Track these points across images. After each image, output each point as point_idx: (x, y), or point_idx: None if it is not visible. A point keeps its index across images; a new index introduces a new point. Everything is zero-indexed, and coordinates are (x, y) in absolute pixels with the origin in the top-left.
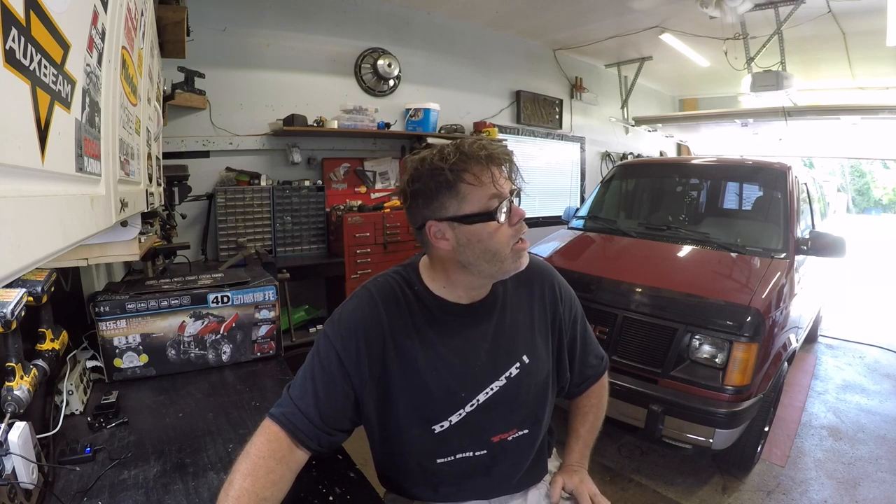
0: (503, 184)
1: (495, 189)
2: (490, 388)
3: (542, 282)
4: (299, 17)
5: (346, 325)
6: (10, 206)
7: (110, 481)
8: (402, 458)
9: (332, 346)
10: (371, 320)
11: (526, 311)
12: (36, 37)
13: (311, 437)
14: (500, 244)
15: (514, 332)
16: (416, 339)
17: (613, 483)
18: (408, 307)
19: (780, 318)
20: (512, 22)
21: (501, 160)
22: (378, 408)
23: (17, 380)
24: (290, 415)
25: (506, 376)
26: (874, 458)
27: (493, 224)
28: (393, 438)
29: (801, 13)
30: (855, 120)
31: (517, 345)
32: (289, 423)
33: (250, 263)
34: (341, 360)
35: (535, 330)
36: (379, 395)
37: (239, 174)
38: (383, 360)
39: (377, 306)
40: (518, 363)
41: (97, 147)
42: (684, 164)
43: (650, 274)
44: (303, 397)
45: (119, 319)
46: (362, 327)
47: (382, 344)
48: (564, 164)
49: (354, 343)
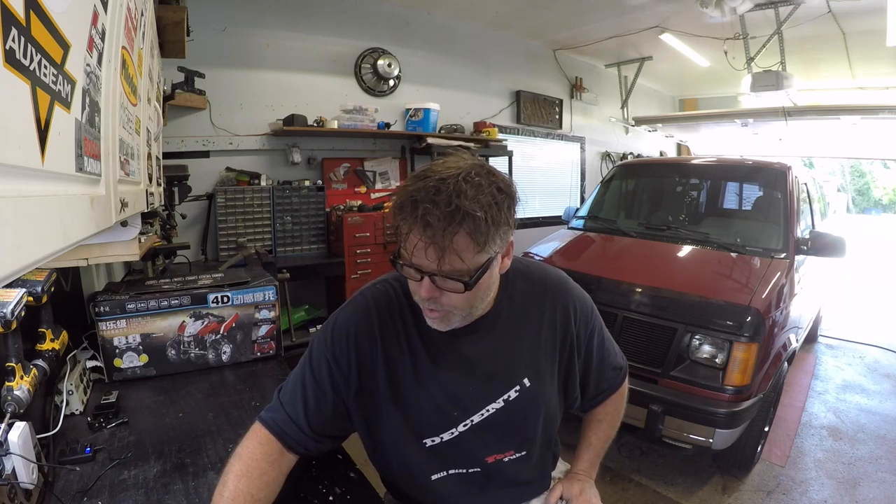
0: (421, 256)
1: (408, 254)
2: (486, 409)
3: (555, 302)
4: (299, 17)
5: (340, 333)
6: (10, 206)
7: (110, 481)
8: (397, 470)
9: (324, 355)
10: (365, 331)
11: (533, 331)
12: (36, 37)
13: (300, 442)
14: (415, 293)
15: (516, 354)
16: (406, 353)
17: (613, 483)
18: (402, 318)
19: (780, 318)
20: (512, 22)
21: (423, 228)
22: (368, 419)
23: (17, 380)
24: (281, 421)
25: (503, 399)
26: (874, 458)
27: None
28: (385, 450)
29: (801, 13)
30: (855, 120)
31: (518, 367)
32: (278, 429)
33: (250, 263)
34: (331, 370)
35: (539, 352)
36: (369, 407)
37: (239, 174)
38: (373, 372)
39: (371, 316)
40: (518, 386)
41: (97, 147)
42: (684, 164)
43: (650, 274)
44: (293, 403)
45: (119, 319)
46: (355, 338)
47: (374, 355)
48: (564, 164)
49: (346, 353)
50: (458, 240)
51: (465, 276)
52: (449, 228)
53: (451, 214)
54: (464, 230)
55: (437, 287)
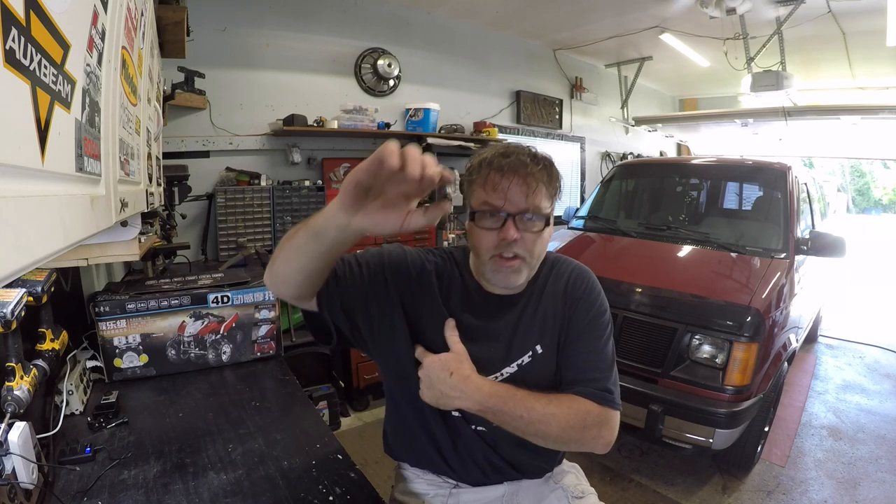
0: (508, 197)
1: (490, 196)
2: (501, 372)
3: (578, 281)
4: (299, 17)
5: (411, 254)
6: (10, 206)
7: (110, 481)
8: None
9: (389, 253)
10: (426, 267)
11: (553, 305)
12: (36, 37)
13: (328, 286)
14: (479, 246)
15: (534, 323)
16: (443, 311)
17: (613, 483)
18: (449, 280)
19: (780, 318)
20: (512, 22)
21: (510, 170)
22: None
23: (17, 380)
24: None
25: (517, 363)
26: (874, 458)
27: (476, 228)
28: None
29: (801, 13)
30: (855, 120)
31: (534, 334)
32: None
33: (250, 263)
34: (384, 265)
35: (550, 324)
36: (387, 332)
37: (239, 174)
38: (416, 306)
39: (430, 265)
40: (531, 352)
41: (97, 147)
42: (684, 164)
43: (650, 274)
44: (354, 256)
45: (119, 319)
46: (418, 265)
47: (426, 292)
48: (564, 164)
49: (406, 269)
50: (540, 177)
51: (543, 218)
52: (535, 169)
53: (534, 158)
54: (543, 174)
55: (517, 230)
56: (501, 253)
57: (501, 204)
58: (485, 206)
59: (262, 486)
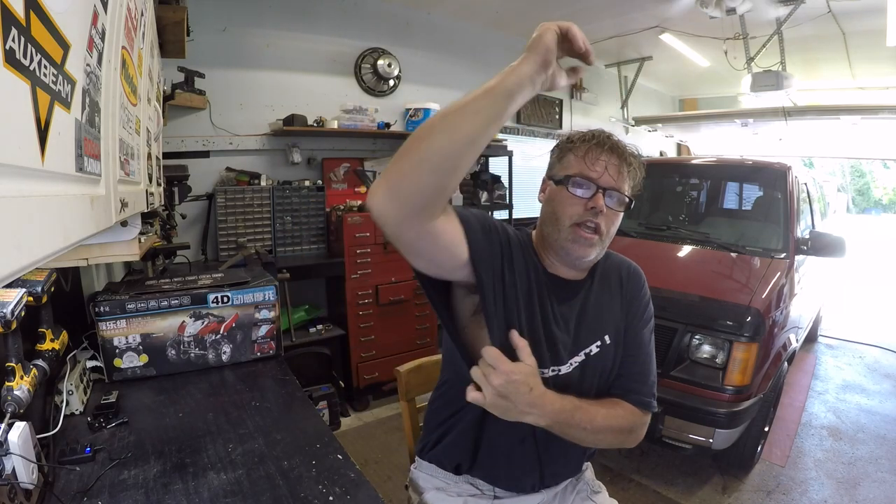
0: (602, 171)
1: (587, 167)
2: (570, 362)
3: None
4: (299, 17)
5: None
6: (10, 206)
7: (110, 481)
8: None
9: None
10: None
11: (610, 297)
12: (36, 37)
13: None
14: (562, 212)
15: (600, 313)
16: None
17: (613, 483)
18: (524, 259)
19: (780, 318)
20: (512, 22)
21: (611, 150)
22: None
23: (17, 380)
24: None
25: (585, 352)
26: (874, 458)
27: (566, 193)
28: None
29: (801, 13)
30: (855, 120)
31: (601, 323)
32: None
33: (250, 263)
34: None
35: (617, 315)
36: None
37: (239, 174)
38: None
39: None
40: (599, 342)
41: (97, 147)
42: (684, 164)
43: (650, 274)
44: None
45: (119, 319)
46: (517, 240)
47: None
48: None
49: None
50: (635, 166)
51: (625, 202)
52: (632, 158)
53: (626, 148)
54: (636, 164)
55: (604, 204)
56: (586, 221)
57: (597, 177)
58: (580, 176)
59: (262, 486)
